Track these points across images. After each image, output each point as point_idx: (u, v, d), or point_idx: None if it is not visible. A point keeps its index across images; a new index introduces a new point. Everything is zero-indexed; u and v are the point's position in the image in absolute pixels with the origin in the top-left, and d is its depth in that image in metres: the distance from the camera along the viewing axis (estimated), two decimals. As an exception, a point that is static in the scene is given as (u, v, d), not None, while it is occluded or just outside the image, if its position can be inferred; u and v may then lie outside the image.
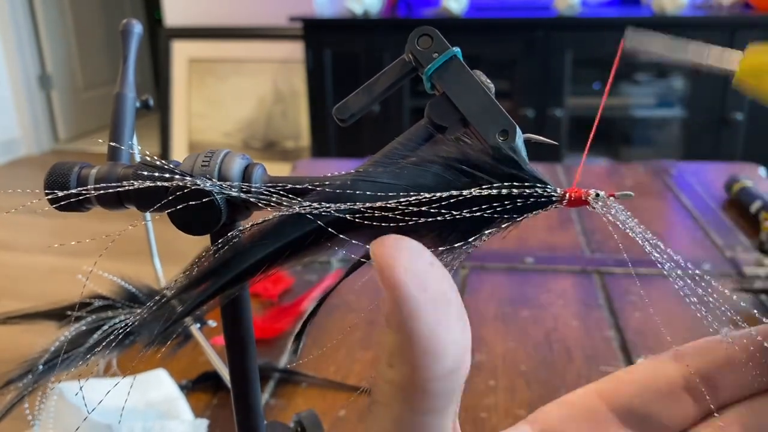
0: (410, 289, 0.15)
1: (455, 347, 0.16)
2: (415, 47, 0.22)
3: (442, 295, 0.16)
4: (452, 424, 0.17)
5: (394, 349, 0.16)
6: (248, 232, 0.20)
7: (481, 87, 0.21)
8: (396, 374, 0.16)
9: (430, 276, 0.16)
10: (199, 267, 0.20)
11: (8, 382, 0.40)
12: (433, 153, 0.20)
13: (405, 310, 0.15)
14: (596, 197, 0.20)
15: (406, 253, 0.16)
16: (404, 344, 0.15)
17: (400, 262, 0.15)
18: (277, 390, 0.56)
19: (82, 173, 0.24)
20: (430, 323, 0.15)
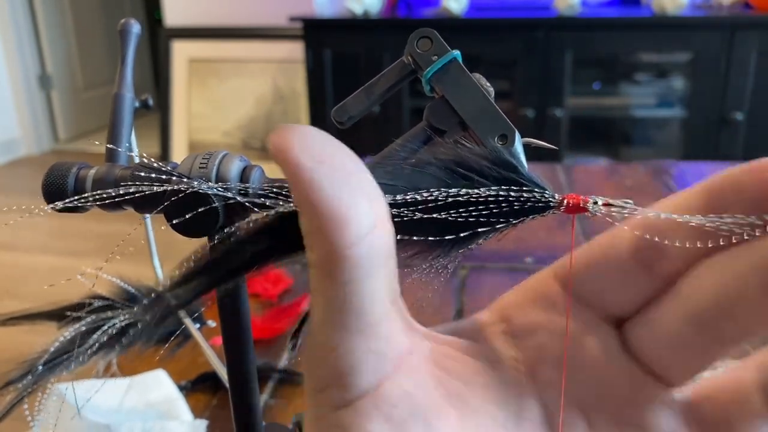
0: (305, 163, 0.15)
1: (363, 213, 0.16)
2: (414, 50, 0.22)
3: (340, 166, 0.16)
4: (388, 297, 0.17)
5: (306, 228, 0.16)
6: (244, 228, 0.20)
7: (480, 90, 0.21)
8: (314, 253, 0.16)
9: (325, 150, 0.16)
10: (194, 262, 0.20)
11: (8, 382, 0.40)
12: (431, 156, 0.19)
13: (304, 183, 0.15)
14: (595, 204, 0.19)
15: (299, 132, 0.16)
16: (312, 219, 0.15)
17: (293, 142, 0.16)
18: (276, 390, 0.56)
19: (80, 174, 0.24)
20: (331, 191, 0.15)
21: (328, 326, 0.16)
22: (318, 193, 0.15)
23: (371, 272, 0.16)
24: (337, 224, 0.15)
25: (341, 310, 0.16)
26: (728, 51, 2.02)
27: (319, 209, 0.15)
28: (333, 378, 0.17)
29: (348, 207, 0.15)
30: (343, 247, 0.15)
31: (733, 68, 2.03)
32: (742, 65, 2.03)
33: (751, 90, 2.04)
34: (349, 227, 0.15)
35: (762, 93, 2.04)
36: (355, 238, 0.15)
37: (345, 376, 0.17)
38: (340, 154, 0.16)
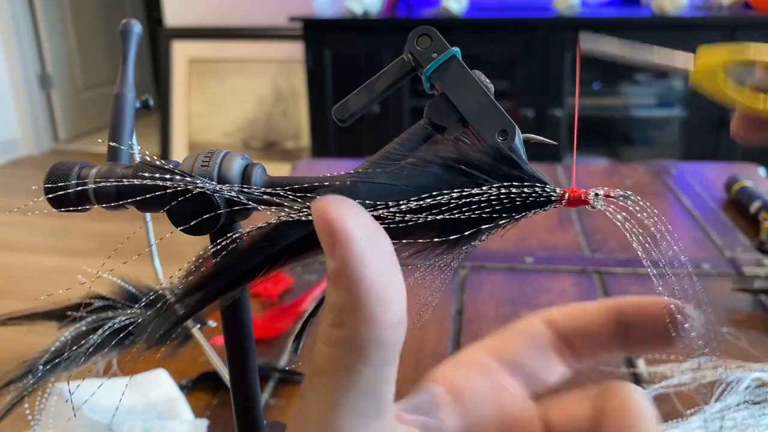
0: (363, 241, 0.15)
1: (401, 297, 0.16)
2: (414, 47, 0.22)
3: (388, 249, 0.16)
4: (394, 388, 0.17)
5: (344, 306, 0.16)
6: (248, 235, 0.20)
7: (480, 87, 0.21)
8: (346, 332, 0.16)
9: (376, 229, 0.16)
10: (200, 270, 0.20)
11: (8, 382, 0.40)
12: (432, 153, 0.20)
13: (359, 260, 0.15)
14: (596, 197, 0.20)
15: (353, 209, 0.16)
16: (358, 296, 0.15)
17: (349, 214, 0.15)
18: (277, 390, 0.56)
19: (81, 173, 0.24)
20: (383, 273, 0.15)
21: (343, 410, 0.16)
22: (371, 274, 0.15)
23: (395, 359, 0.16)
24: (384, 307, 0.15)
25: (363, 393, 0.16)
26: (728, 51, 2.02)
27: (369, 289, 0.15)
28: None
29: (394, 293, 0.16)
30: (383, 329, 0.15)
31: (733, 68, 2.03)
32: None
33: (751, 90, 2.04)
34: (393, 312, 0.15)
35: (762, 93, 2.04)
36: (394, 323, 0.16)
37: None
38: (386, 239, 0.16)
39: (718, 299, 0.68)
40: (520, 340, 0.23)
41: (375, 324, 0.15)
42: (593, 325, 0.22)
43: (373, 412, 0.16)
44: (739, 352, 0.57)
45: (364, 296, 0.15)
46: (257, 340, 0.58)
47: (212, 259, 0.20)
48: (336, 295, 0.16)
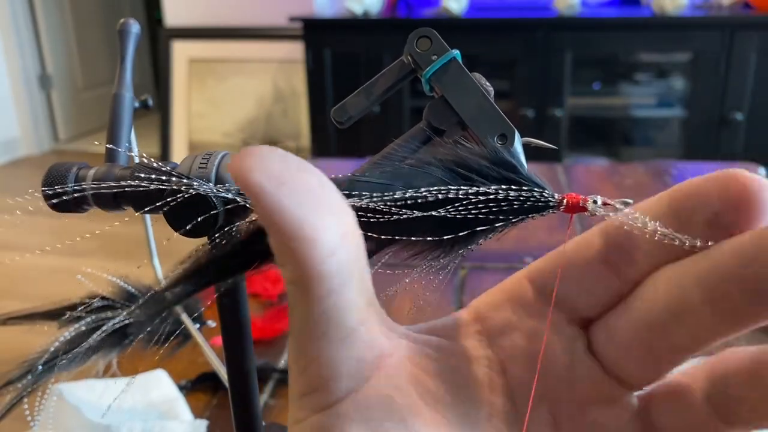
0: (266, 185, 0.15)
1: (329, 230, 0.16)
2: (414, 49, 0.22)
3: (302, 185, 0.16)
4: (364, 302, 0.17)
5: (275, 247, 0.16)
6: (243, 228, 0.20)
7: (479, 90, 0.21)
8: (287, 271, 0.16)
9: (285, 170, 0.16)
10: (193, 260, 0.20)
11: (8, 382, 0.40)
12: (430, 156, 0.20)
13: (267, 206, 0.15)
14: (594, 203, 0.19)
15: (258, 154, 0.16)
16: (279, 240, 0.16)
17: (252, 163, 0.16)
18: (276, 390, 0.56)
19: (79, 174, 0.24)
20: (295, 212, 0.15)
21: (307, 337, 0.17)
22: (282, 216, 0.15)
23: (344, 283, 0.17)
24: (306, 244, 0.16)
25: (319, 322, 0.17)
26: (728, 51, 2.02)
27: (285, 231, 0.15)
28: (315, 384, 0.17)
29: (313, 227, 0.16)
30: (313, 265, 0.16)
31: (733, 68, 2.03)
32: (742, 65, 2.03)
33: (751, 90, 2.04)
34: (317, 246, 0.16)
35: (762, 93, 2.04)
36: (324, 255, 0.16)
37: (324, 382, 0.17)
38: (301, 173, 0.16)
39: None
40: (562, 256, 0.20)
41: (303, 262, 0.16)
42: None
43: (334, 336, 0.17)
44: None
45: (284, 239, 0.16)
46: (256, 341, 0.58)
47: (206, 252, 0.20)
48: (269, 239, 0.16)
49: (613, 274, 0.19)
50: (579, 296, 0.20)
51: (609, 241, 0.19)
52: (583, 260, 0.19)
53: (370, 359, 0.18)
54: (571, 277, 0.20)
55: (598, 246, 0.19)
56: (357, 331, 0.17)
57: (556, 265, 0.20)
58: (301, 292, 0.16)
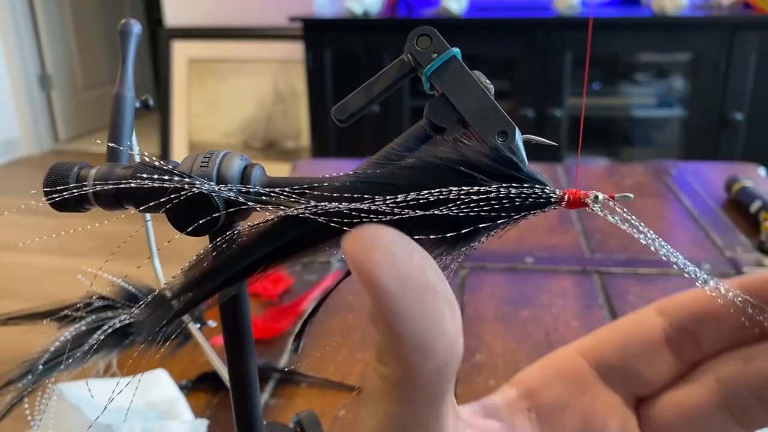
0: (390, 288, 0.14)
1: (445, 339, 0.15)
2: (414, 47, 0.22)
3: (425, 288, 0.15)
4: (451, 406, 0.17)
5: (383, 347, 0.15)
6: (246, 232, 0.20)
7: (480, 88, 0.21)
8: (388, 371, 0.15)
9: (410, 269, 0.15)
10: (198, 267, 0.20)
11: (8, 382, 0.40)
12: (431, 154, 0.19)
13: (387, 310, 0.14)
14: (595, 199, 0.19)
15: (382, 247, 0.15)
16: (392, 343, 0.15)
17: (375, 258, 0.14)
18: (276, 390, 0.56)
19: (81, 173, 0.24)
20: (416, 321, 0.14)
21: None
22: (402, 323, 0.14)
23: (443, 394, 0.16)
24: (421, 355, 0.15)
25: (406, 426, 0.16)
26: (728, 51, 2.02)
27: (402, 338, 0.14)
28: None
29: (433, 339, 0.15)
30: (420, 376, 0.15)
31: (733, 68, 2.03)
32: (742, 65, 2.03)
33: (751, 90, 2.04)
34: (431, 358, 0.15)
35: (762, 93, 2.04)
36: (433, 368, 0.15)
37: None
38: (424, 272, 0.15)
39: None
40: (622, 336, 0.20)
41: (413, 371, 0.15)
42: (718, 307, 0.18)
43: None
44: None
45: (398, 344, 0.14)
46: (257, 340, 0.58)
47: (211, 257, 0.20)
48: (376, 334, 0.15)
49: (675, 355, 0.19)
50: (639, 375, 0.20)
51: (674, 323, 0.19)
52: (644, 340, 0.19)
53: None
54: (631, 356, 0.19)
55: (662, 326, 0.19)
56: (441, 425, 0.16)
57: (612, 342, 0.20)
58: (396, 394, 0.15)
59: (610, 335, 0.20)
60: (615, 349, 0.20)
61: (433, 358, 0.15)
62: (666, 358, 0.19)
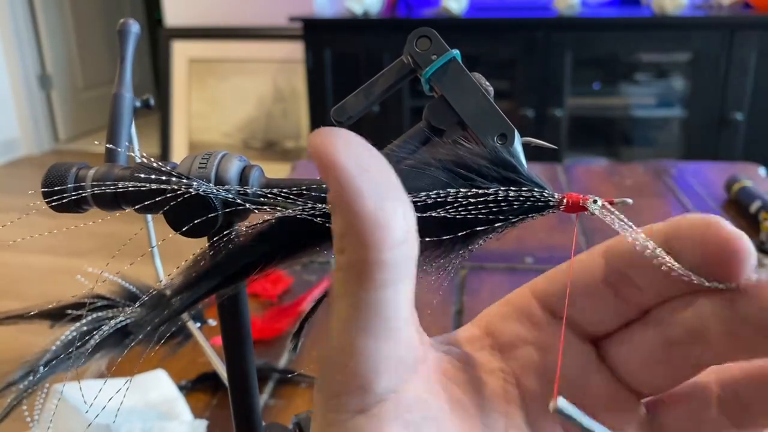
0: (352, 168, 0.16)
1: (400, 218, 0.16)
2: (413, 49, 0.22)
3: (383, 174, 0.16)
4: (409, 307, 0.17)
5: (343, 231, 0.16)
6: (245, 233, 0.20)
7: (479, 90, 0.21)
8: (347, 256, 0.16)
9: (369, 157, 0.16)
10: (195, 266, 0.20)
11: (9, 383, 0.40)
12: (430, 156, 0.19)
13: (348, 188, 0.15)
14: (594, 203, 0.19)
15: (343, 137, 0.16)
16: (350, 222, 0.16)
17: (338, 146, 0.16)
18: (276, 390, 0.56)
19: (79, 174, 0.24)
20: (375, 198, 0.16)
21: (352, 330, 0.16)
22: (361, 199, 0.15)
23: (401, 278, 0.16)
24: (378, 230, 0.16)
25: (368, 313, 0.16)
26: (728, 51, 2.02)
27: (360, 214, 0.15)
28: (353, 383, 0.17)
29: (388, 214, 0.16)
30: (379, 251, 0.16)
31: (733, 68, 2.03)
32: (742, 65, 2.03)
33: (751, 90, 2.04)
34: (389, 233, 0.16)
35: (762, 93, 2.04)
36: (392, 244, 0.16)
37: (366, 381, 0.17)
38: (381, 163, 0.17)
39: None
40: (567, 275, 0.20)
41: (372, 247, 0.16)
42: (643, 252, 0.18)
43: (381, 333, 0.17)
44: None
45: (357, 221, 0.15)
46: (256, 341, 0.58)
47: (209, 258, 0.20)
48: (335, 222, 0.16)
49: (618, 298, 0.19)
50: (586, 316, 0.20)
51: (612, 267, 0.19)
52: (588, 282, 0.20)
53: (409, 361, 0.18)
54: (578, 297, 0.20)
55: (602, 269, 0.20)
56: (401, 330, 0.17)
57: (561, 284, 0.20)
58: (357, 279, 0.16)
59: (559, 275, 0.21)
60: (560, 289, 0.20)
61: (390, 234, 0.16)
62: (609, 301, 0.19)
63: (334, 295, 0.17)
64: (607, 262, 0.19)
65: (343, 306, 0.17)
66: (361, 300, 0.16)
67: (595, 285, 0.20)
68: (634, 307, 0.19)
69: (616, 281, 0.19)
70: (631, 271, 0.19)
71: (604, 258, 0.20)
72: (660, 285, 0.19)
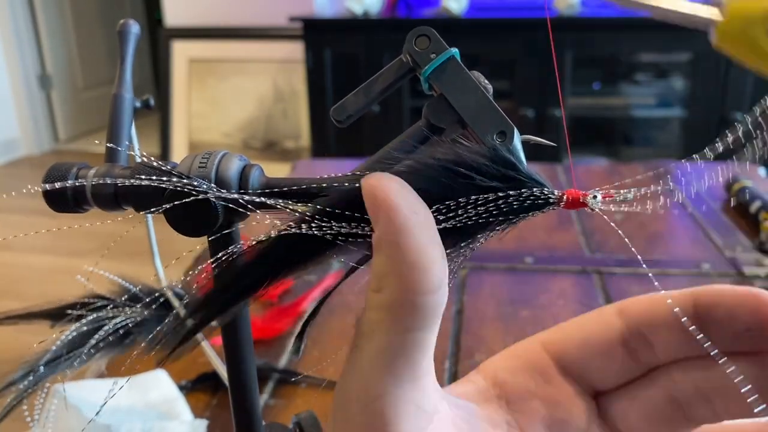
0: (403, 210, 0.16)
1: (440, 265, 0.17)
2: (412, 48, 0.22)
3: (429, 220, 0.17)
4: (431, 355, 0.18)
5: (386, 270, 0.16)
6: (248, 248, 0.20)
7: (478, 88, 0.21)
8: (386, 295, 0.16)
9: (418, 202, 0.17)
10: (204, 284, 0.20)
11: (10, 383, 0.40)
12: (430, 155, 0.19)
13: (399, 227, 0.16)
14: (594, 198, 0.20)
15: (396, 182, 0.17)
16: (395, 262, 0.16)
17: (392, 188, 0.17)
18: (276, 390, 0.56)
19: (79, 174, 0.24)
20: (421, 240, 0.16)
21: (380, 370, 0.17)
22: (409, 239, 0.16)
23: (431, 324, 0.17)
24: (420, 273, 0.16)
25: (398, 355, 0.16)
26: (728, 51, 2.02)
27: (407, 255, 0.16)
28: (372, 425, 0.17)
29: (432, 260, 0.16)
30: (418, 295, 0.16)
31: (733, 68, 2.03)
32: (742, 65, 2.03)
33: (751, 90, 2.04)
34: (429, 278, 0.16)
35: (762, 93, 2.03)
36: (430, 289, 0.16)
37: (387, 425, 0.17)
38: (427, 210, 0.17)
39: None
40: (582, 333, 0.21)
41: (411, 288, 0.16)
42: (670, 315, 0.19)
43: (407, 376, 0.17)
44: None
45: (402, 261, 0.16)
46: (256, 341, 0.58)
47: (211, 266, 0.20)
48: (378, 261, 0.16)
49: (630, 356, 0.20)
50: (596, 372, 0.21)
51: (631, 327, 0.20)
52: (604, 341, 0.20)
53: (428, 409, 0.18)
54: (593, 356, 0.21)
55: (619, 329, 0.20)
56: (424, 378, 0.17)
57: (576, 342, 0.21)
58: (391, 320, 0.16)
59: (573, 332, 0.21)
60: (575, 346, 0.21)
61: (431, 277, 0.16)
62: (622, 359, 0.20)
63: (363, 332, 0.17)
64: (626, 324, 0.20)
65: (373, 345, 0.17)
66: (392, 341, 0.16)
67: (611, 345, 0.20)
68: (643, 365, 0.20)
69: (633, 342, 0.20)
70: (649, 333, 0.20)
71: (622, 319, 0.20)
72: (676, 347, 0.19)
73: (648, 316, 0.20)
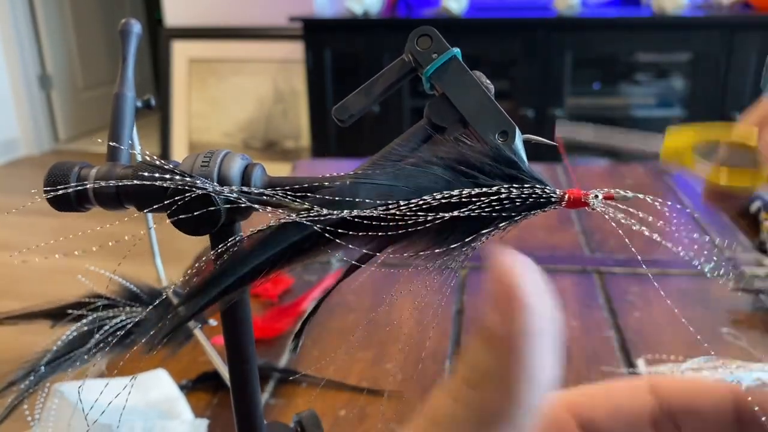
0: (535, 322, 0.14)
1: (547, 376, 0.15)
2: (414, 47, 0.22)
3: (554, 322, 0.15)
4: None
5: (489, 370, 0.14)
6: (249, 238, 0.20)
7: (480, 87, 0.21)
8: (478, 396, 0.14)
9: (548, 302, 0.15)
10: (202, 273, 0.20)
11: (10, 383, 0.40)
12: (432, 154, 0.19)
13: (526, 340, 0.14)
14: (595, 198, 0.20)
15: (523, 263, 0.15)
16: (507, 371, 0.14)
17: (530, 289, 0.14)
18: (277, 390, 0.56)
19: (81, 173, 0.24)
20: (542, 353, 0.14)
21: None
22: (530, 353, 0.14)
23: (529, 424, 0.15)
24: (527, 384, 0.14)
25: None
26: (728, 51, 2.02)
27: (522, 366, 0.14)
28: None
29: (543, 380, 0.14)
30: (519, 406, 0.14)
31: (733, 68, 2.04)
32: (742, 65, 2.03)
33: (751, 90, 2.04)
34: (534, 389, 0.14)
35: (762, 93, 2.04)
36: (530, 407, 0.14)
37: None
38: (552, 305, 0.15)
39: (718, 299, 0.68)
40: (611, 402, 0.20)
41: (513, 403, 0.14)
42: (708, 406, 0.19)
43: None
44: (740, 352, 0.57)
45: (515, 372, 0.14)
46: (257, 340, 0.58)
47: (213, 261, 0.20)
48: (483, 354, 0.14)
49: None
50: None
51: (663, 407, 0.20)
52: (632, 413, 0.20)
53: None
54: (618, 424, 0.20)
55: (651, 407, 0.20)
56: None
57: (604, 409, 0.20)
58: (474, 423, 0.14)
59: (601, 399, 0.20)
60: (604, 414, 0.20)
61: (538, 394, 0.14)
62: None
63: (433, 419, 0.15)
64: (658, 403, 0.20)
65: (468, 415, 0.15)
66: None
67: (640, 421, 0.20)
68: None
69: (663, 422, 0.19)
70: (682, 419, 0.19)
71: (655, 397, 0.20)
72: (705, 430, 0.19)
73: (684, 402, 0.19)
